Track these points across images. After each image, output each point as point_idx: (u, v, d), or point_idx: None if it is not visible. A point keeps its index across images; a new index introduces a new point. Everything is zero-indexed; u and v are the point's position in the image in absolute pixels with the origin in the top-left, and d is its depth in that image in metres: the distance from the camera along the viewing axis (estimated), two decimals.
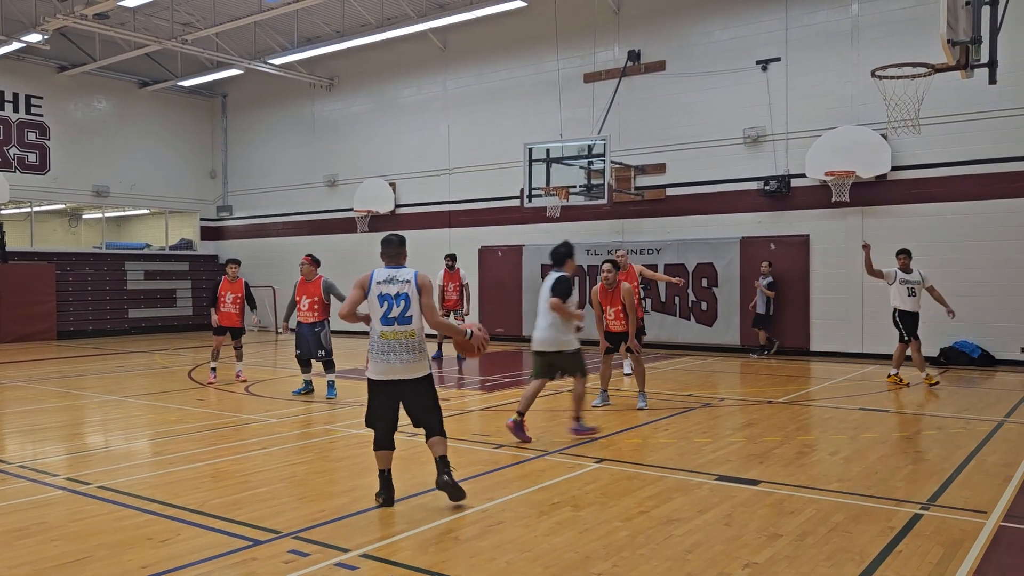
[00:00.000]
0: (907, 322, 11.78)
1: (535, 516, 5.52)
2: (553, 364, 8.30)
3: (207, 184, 26.90)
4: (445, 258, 15.65)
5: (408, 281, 5.86)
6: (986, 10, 8.97)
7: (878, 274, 11.88)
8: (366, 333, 6.03)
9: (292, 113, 24.69)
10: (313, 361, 11.22)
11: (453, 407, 10.40)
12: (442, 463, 5.80)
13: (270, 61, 21.79)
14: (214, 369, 12.67)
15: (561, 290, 8.27)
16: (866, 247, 11.93)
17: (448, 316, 15.36)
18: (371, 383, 5.88)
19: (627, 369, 13.02)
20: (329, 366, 11.03)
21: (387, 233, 6.26)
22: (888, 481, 6.42)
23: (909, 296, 11.72)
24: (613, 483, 6.40)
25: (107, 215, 25.62)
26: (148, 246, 26.16)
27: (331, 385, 10.97)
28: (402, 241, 6.10)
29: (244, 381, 12.67)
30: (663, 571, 4.51)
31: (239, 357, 13.04)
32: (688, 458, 7.29)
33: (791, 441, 7.97)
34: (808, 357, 15.71)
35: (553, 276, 8.56)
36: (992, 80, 9.16)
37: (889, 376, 11.97)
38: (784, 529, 5.23)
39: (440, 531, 5.23)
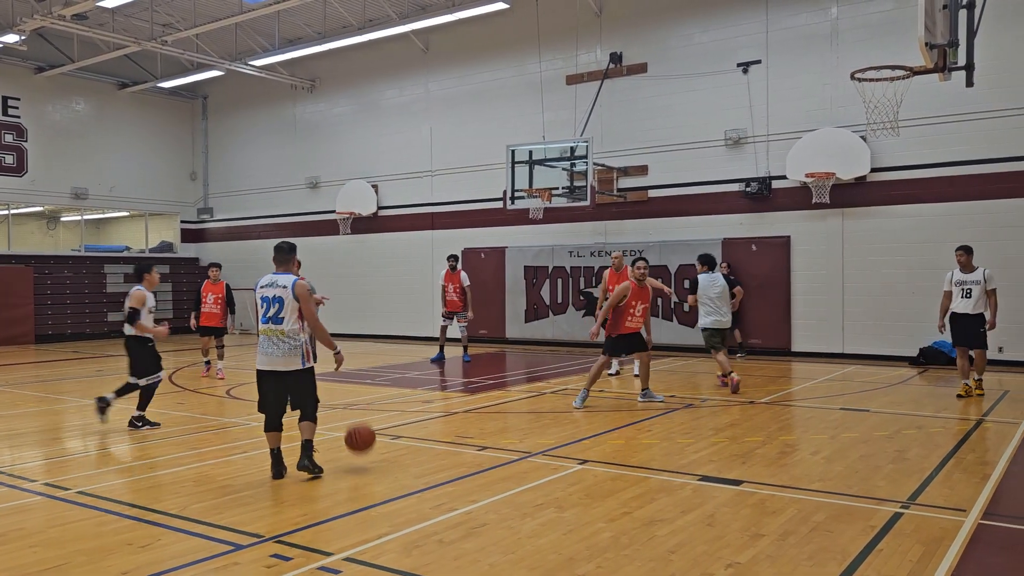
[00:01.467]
0: (953, 326, 10.67)
1: (519, 518, 5.52)
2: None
3: (187, 186, 26.70)
4: (448, 259, 15.52)
5: (285, 287, 6.64)
6: (963, 13, 9.09)
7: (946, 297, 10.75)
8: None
9: (273, 115, 24.57)
10: None
11: (437, 409, 10.39)
12: (307, 446, 6.72)
13: (251, 62, 21.68)
14: (207, 362, 13.76)
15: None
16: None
17: (451, 320, 15.31)
18: (257, 373, 6.75)
19: (635, 370, 13.11)
20: None
21: (279, 240, 7.01)
22: (869, 480, 6.47)
23: (963, 298, 10.51)
24: (597, 484, 6.41)
25: (86, 217, 25.36)
26: (128, 249, 25.94)
27: None
28: (292, 248, 6.90)
29: (223, 380, 13.19)
30: (646, 572, 4.52)
31: (220, 356, 13.70)
32: (671, 459, 7.32)
33: (773, 441, 8.01)
34: (789, 357, 15.82)
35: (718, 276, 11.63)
36: (969, 83, 9.27)
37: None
38: (766, 529, 5.25)
39: (423, 534, 5.21)
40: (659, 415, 9.56)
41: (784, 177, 15.96)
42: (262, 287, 6.73)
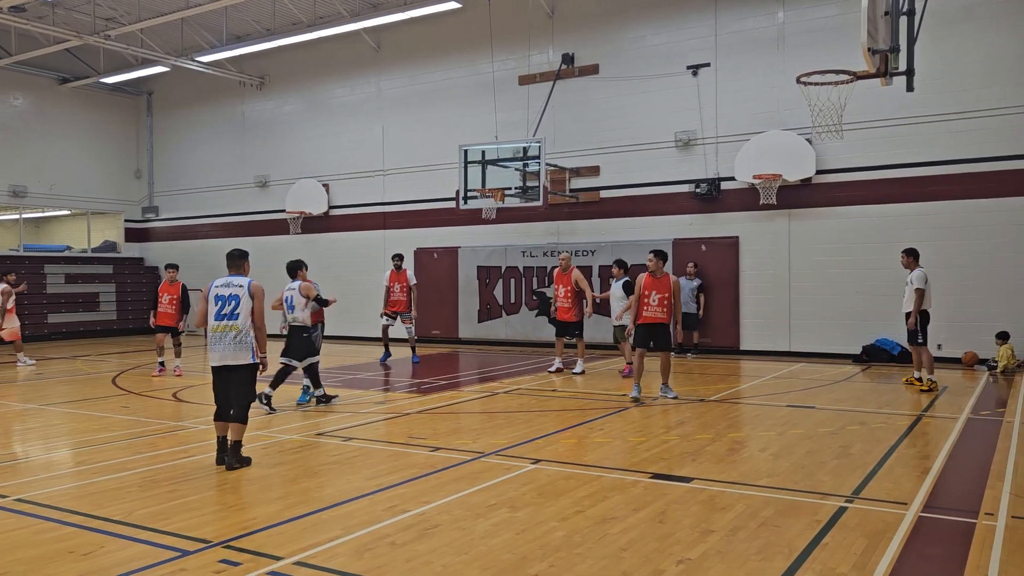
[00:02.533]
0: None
1: (472, 518, 5.51)
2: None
3: (132, 184, 26.07)
4: (392, 258, 15.27)
5: (241, 286, 7.16)
6: (904, 20, 9.34)
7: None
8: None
9: (221, 112, 24.13)
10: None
11: (389, 410, 10.31)
12: (235, 447, 7.09)
13: (198, 59, 21.25)
14: (161, 363, 14.08)
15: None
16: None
17: (393, 320, 15.11)
18: (212, 370, 7.26)
19: (578, 368, 13.48)
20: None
21: (232, 248, 7.69)
22: (815, 475, 6.61)
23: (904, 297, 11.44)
24: (549, 483, 6.43)
25: (25, 216, 24.60)
26: (69, 248, 25.22)
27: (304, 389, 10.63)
28: (243, 255, 7.48)
29: (179, 376, 13.74)
30: (599, 570, 4.55)
31: (177, 354, 14.24)
32: (623, 457, 7.38)
33: (722, 438, 8.14)
34: (738, 356, 16.09)
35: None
36: (910, 87, 9.53)
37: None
38: (716, 525, 5.33)
39: (376, 536, 5.17)
40: (611, 414, 9.63)
41: (733, 178, 16.22)
42: (217, 287, 7.20)
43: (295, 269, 10.46)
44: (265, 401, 9.70)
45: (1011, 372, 13.07)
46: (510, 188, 16.75)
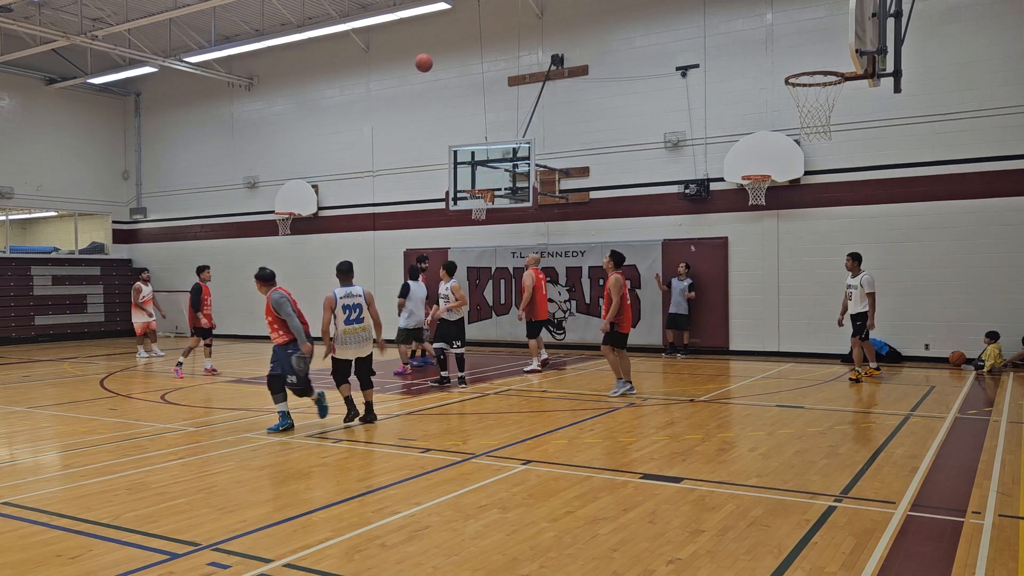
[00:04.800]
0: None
1: (462, 519, 5.51)
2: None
3: (120, 186, 25.93)
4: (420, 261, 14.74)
5: (360, 295, 9.14)
6: (891, 22, 9.40)
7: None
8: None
9: (210, 113, 24.02)
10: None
11: (380, 411, 10.27)
12: (370, 406, 9.29)
13: (186, 59, 21.15)
14: (180, 364, 14.39)
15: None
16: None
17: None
18: (342, 361, 9.13)
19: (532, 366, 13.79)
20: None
21: (340, 261, 9.42)
22: (804, 475, 6.64)
23: (850, 300, 12.49)
24: (540, 484, 6.43)
25: (11, 217, 24.43)
26: (56, 250, 25.06)
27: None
28: (350, 267, 9.40)
29: (216, 373, 14.29)
30: (589, 570, 4.56)
31: (208, 354, 14.78)
32: (613, 457, 7.39)
33: (712, 438, 8.16)
34: (727, 356, 16.14)
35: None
36: (897, 89, 9.59)
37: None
38: (706, 525, 5.35)
39: (366, 538, 5.16)
40: (601, 415, 9.65)
41: (722, 179, 16.27)
42: (342, 298, 9.01)
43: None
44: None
45: (998, 371, 13.16)
46: (500, 189, 16.75)
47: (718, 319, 16.47)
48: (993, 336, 13.43)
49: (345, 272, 9.27)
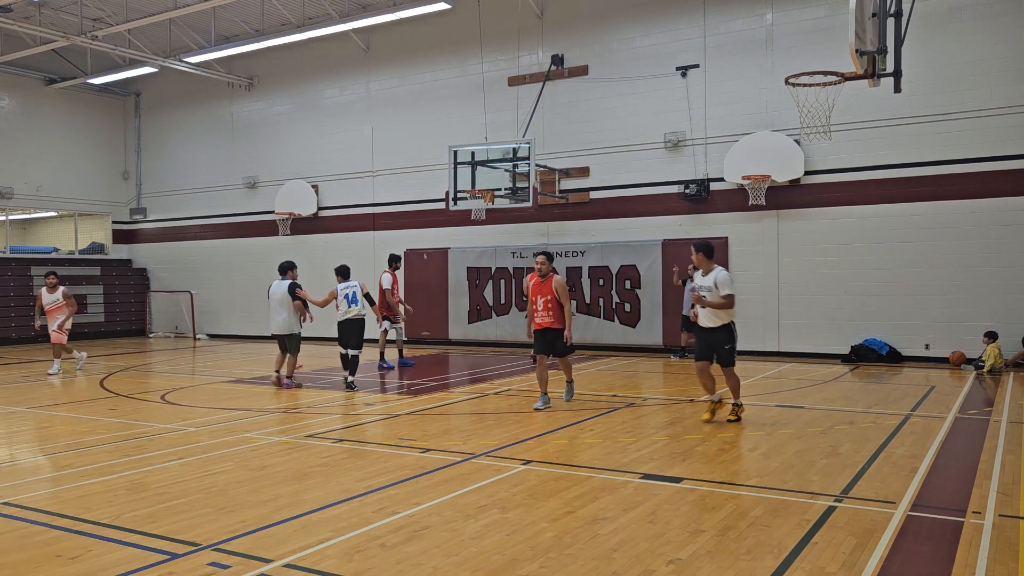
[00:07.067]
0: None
1: (462, 520, 5.51)
2: None
3: (120, 186, 25.93)
4: (396, 260, 15.62)
5: (355, 284, 12.21)
6: (891, 22, 9.40)
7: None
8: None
9: (210, 113, 24.03)
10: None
11: (379, 412, 10.29)
12: (354, 360, 12.15)
13: (186, 59, 21.16)
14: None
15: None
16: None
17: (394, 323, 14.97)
18: (345, 323, 12.15)
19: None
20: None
21: (338, 265, 12.12)
22: (804, 475, 6.64)
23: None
24: (540, 484, 6.43)
25: (11, 218, 24.42)
26: (56, 250, 25.05)
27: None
28: (347, 269, 12.37)
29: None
30: (589, 570, 4.55)
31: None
32: (613, 457, 7.39)
33: (712, 439, 8.16)
34: None
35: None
36: (897, 89, 9.59)
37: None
38: (706, 525, 5.34)
39: (366, 538, 5.15)
40: (601, 415, 9.64)
41: (722, 179, 16.27)
42: (342, 289, 12.04)
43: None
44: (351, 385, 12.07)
45: (998, 371, 13.16)
46: (500, 189, 16.75)
47: None
48: (992, 336, 13.43)
49: (342, 273, 12.35)
